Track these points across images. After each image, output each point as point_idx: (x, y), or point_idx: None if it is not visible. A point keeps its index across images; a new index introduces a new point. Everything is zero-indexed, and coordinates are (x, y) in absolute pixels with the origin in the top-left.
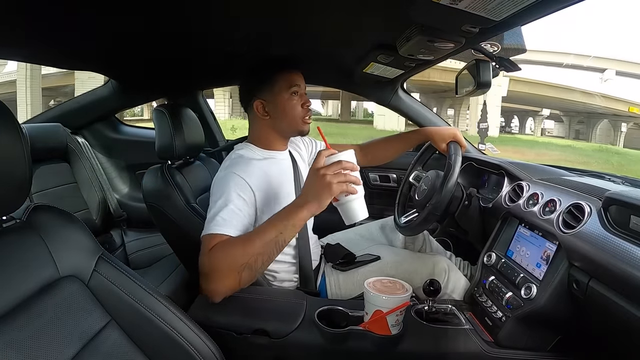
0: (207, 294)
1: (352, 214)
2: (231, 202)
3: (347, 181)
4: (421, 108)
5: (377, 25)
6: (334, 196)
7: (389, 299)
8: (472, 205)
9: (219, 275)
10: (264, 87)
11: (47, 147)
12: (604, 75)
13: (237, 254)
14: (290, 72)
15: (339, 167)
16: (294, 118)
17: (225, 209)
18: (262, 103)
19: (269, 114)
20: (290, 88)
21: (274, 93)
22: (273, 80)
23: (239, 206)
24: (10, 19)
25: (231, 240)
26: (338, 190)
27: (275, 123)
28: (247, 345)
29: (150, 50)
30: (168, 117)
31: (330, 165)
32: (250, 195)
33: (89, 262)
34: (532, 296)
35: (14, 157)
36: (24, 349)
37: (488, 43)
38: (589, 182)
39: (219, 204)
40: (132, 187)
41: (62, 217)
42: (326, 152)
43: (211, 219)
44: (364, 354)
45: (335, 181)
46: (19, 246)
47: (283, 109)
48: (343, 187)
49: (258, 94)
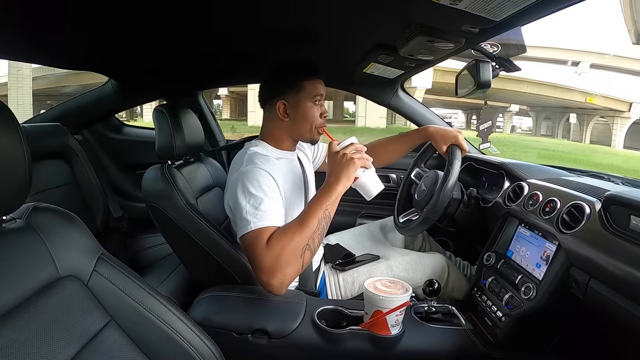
0: (271, 289)
1: (371, 187)
2: (267, 195)
3: (362, 157)
4: (421, 108)
5: (377, 26)
6: (357, 168)
7: (388, 299)
8: (471, 205)
9: (285, 264)
10: (289, 90)
11: (47, 147)
12: (579, 68)
13: (296, 239)
14: (317, 80)
15: (354, 148)
16: (312, 125)
17: (264, 201)
18: (284, 104)
19: (289, 116)
20: (315, 97)
21: (298, 97)
22: (299, 85)
23: (275, 198)
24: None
25: (285, 229)
26: (360, 163)
27: (293, 126)
28: (247, 345)
29: (151, 50)
30: (168, 117)
31: (346, 147)
32: (278, 190)
33: (89, 262)
34: (531, 296)
35: (13, 157)
36: (23, 349)
37: (488, 43)
38: (588, 182)
39: (254, 197)
40: (132, 187)
41: (62, 217)
42: (336, 142)
43: (252, 213)
44: (364, 354)
45: (356, 157)
46: (19, 246)
47: (304, 114)
48: (363, 161)
49: (282, 95)
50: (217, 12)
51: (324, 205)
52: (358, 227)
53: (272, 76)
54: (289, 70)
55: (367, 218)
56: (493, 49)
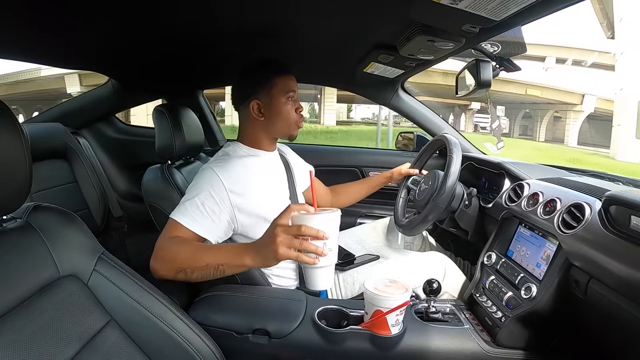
0: (151, 270)
1: (308, 280)
2: (198, 197)
3: (302, 249)
4: (421, 108)
5: (378, 25)
6: (279, 261)
7: (388, 299)
8: (472, 205)
9: (162, 263)
10: (261, 88)
11: (47, 146)
12: (545, 63)
13: (183, 258)
14: (288, 76)
15: (297, 232)
16: (288, 122)
17: (192, 201)
18: (258, 104)
19: (263, 115)
20: (287, 93)
21: (271, 95)
22: (271, 83)
23: (207, 204)
24: (10, 19)
25: (186, 243)
26: (284, 256)
27: (269, 124)
28: (247, 345)
29: (151, 50)
30: (168, 117)
31: (289, 227)
32: (223, 196)
33: (89, 261)
34: (532, 296)
35: (14, 157)
36: (23, 348)
37: (488, 43)
38: (589, 182)
39: (191, 193)
40: (132, 187)
41: (63, 216)
42: (297, 207)
43: (181, 204)
44: (365, 353)
45: (284, 246)
46: (19, 246)
47: (279, 111)
48: (291, 255)
49: (255, 95)
50: (218, 12)
51: (224, 259)
52: (358, 227)
53: (243, 77)
54: (259, 69)
55: (368, 218)
56: (493, 49)
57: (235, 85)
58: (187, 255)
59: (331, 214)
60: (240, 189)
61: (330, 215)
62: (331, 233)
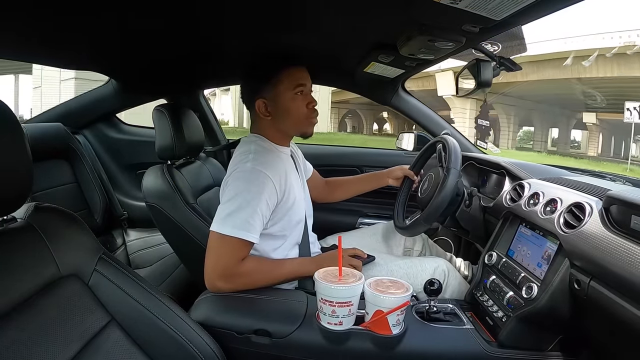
0: (212, 289)
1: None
2: (259, 207)
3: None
4: (422, 107)
5: (378, 25)
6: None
7: (389, 299)
8: (473, 204)
9: (237, 287)
10: (266, 85)
11: (48, 146)
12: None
13: (261, 283)
14: (296, 68)
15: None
16: (298, 118)
17: (253, 212)
18: (264, 102)
19: (270, 114)
20: (296, 87)
21: (277, 92)
22: (276, 79)
23: (264, 212)
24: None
25: (259, 265)
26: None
27: (278, 123)
28: (248, 345)
29: (151, 50)
30: (168, 117)
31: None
32: (274, 201)
33: (90, 261)
34: (533, 296)
35: (15, 157)
36: (25, 348)
37: (488, 42)
38: (590, 182)
39: (245, 201)
40: (133, 187)
41: (63, 216)
42: (350, 252)
43: (236, 216)
44: (366, 353)
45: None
46: (20, 246)
47: (286, 109)
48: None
49: (260, 93)
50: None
51: (301, 274)
52: (357, 231)
53: (248, 74)
54: (263, 64)
55: (369, 217)
56: (494, 48)
57: (242, 83)
58: (265, 280)
59: (355, 286)
60: (283, 190)
61: (356, 286)
62: (355, 300)
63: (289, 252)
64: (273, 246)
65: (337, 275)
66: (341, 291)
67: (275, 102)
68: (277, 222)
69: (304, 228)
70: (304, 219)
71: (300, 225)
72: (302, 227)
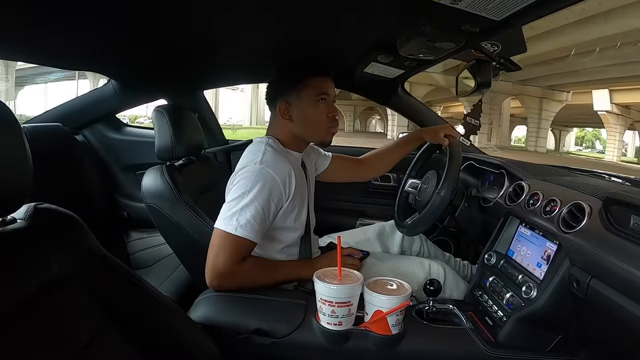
0: (211, 286)
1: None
2: (264, 207)
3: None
4: (422, 107)
5: (377, 25)
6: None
7: (388, 299)
8: (472, 205)
9: (234, 285)
10: (291, 89)
11: (48, 147)
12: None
13: (258, 282)
14: (323, 77)
15: (351, 252)
16: (317, 126)
17: (258, 212)
18: (286, 105)
19: (291, 118)
20: (319, 95)
21: (300, 97)
22: (302, 84)
23: (269, 213)
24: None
25: (258, 266)
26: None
27: (297, 128)
28: (248, 345)
29: (151, 50)
30: (167, 118)
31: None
32: (280, 202)
33: (90, 262)
34: (532, 296)
35: (14, 158)
36: (23, 350)
37: (488, 43)
38: (589, 182)
39: (250, 200)
40: (133, 187)
41: (63, 217)
42: (347, 251)
43: (241, 215)
44: (365, 353)
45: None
46: (20, 246)
47: (306, 115)
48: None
49: (284, 96)
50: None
51: (300, 277)
52: (356, 231)
53: (276, 76)
54: (292, 69)
55: (369, 217)
56: (493, 49)
57: (269, 84)
58: (264, 281)
59: (355, 286)
60: (290, 190)
61: (355, 285)
62: (355, 300)
63: (290, 254)
64: (275, 247)
65: (337, 276)
66: (340, 291)
67: (297, 106)
68: (280, 224)
69: (306, 230)
70: (307, 221)
71: (303, 228)
72: (305, 229)
